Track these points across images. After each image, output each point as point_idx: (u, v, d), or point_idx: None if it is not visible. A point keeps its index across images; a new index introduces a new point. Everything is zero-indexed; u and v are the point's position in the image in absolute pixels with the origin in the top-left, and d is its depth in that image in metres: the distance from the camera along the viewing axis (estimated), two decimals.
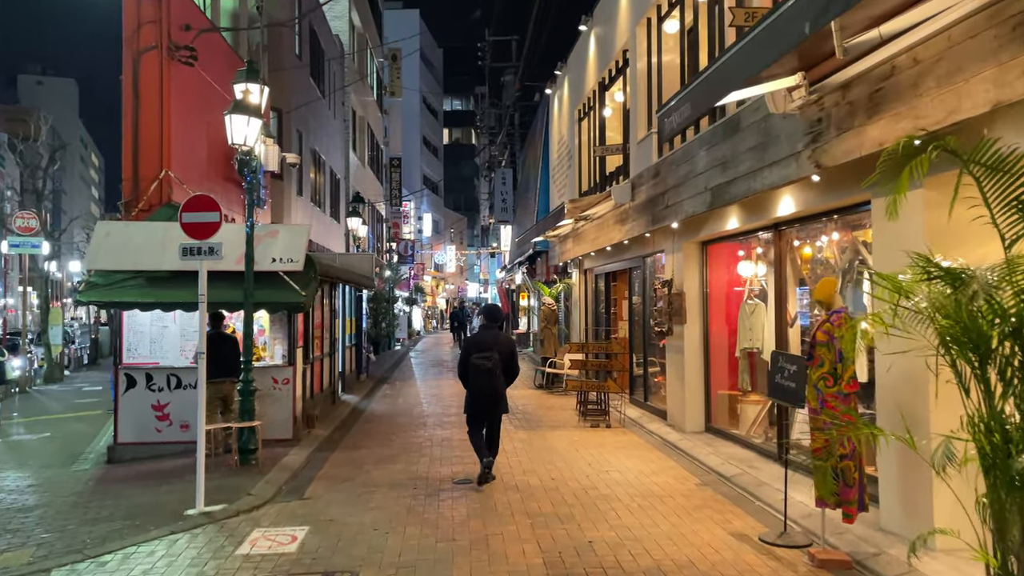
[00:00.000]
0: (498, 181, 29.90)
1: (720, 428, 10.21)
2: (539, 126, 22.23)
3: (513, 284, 34.27)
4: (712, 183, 8.21)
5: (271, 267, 9.82)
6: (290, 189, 19.51)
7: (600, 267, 15.83)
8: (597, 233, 13.81)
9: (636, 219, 11.26)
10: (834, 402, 5.46)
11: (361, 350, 17.57)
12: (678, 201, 9.36)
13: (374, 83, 37.54)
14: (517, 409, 13.34)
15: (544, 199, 20.44)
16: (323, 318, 12.87)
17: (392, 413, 13.27)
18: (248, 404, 9.05)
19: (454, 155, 75.11)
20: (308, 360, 11.36)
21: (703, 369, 10.57)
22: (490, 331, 8.27)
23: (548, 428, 11.36)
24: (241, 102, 8.48)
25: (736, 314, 10.48)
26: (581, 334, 17.44)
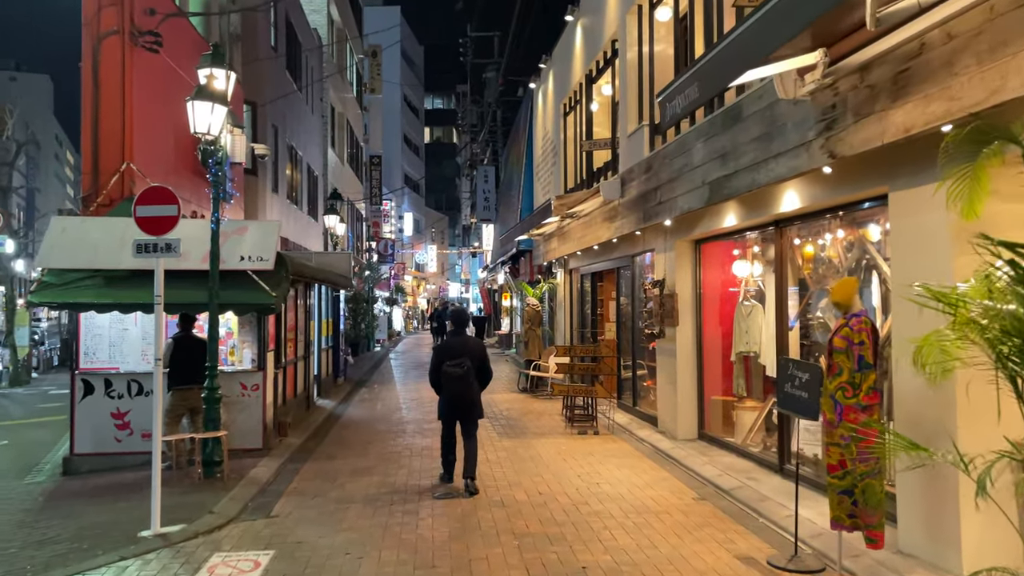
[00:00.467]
0: (480, 179, 29.31)
1: (714, 436, 9.73)
2: (523, 122, 21.70)
3: (495, 284, 33.72)
4: (710, 177, 7.71)
5: (239, 266, 9.21)
6: (264, 185, 18.85)
7: (586, 267, 15.32)
8: (584, 231, 13.30)
9: (626, 216, 10.76)
10: (853, 414, 4.96)
11: (338, 352, 16.96)
12: (672, 197, 8.86)
13: (353, 79, 36.87)
14: (500, 415, 12.79)
15: (528, 197, 19.89)
16: (297, 320, 12.26)
17: (369, 419, 12.68)
18: (213, 413, 8.43)
19: (435, 154, 74.47)
20: (280, 364, 10.75)
21: (696, 373, 10.08)
22: (459, 336, 8.10)
23: (534, 435, 10.82)
24: (205, 87, 7.87)
25: (731, 316, 9.99)
26: (566, 336, 16.93)
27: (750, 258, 9.58)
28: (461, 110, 46.23)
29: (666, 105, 6.02)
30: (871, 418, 4.93)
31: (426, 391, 14.85)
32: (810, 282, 8.13)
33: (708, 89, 5.31)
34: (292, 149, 22.35)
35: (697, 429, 10.07)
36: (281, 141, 20.55)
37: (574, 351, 11.64)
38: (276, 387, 10.58)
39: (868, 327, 4.99)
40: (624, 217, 10.86)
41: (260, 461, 9.08)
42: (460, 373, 7.62)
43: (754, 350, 9.25)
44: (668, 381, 10.37)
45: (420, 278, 60.43)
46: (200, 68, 8.24)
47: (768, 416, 9.03)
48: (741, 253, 9.69)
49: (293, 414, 11.77)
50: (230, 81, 8.37)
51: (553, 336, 18.09)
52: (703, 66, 5.30)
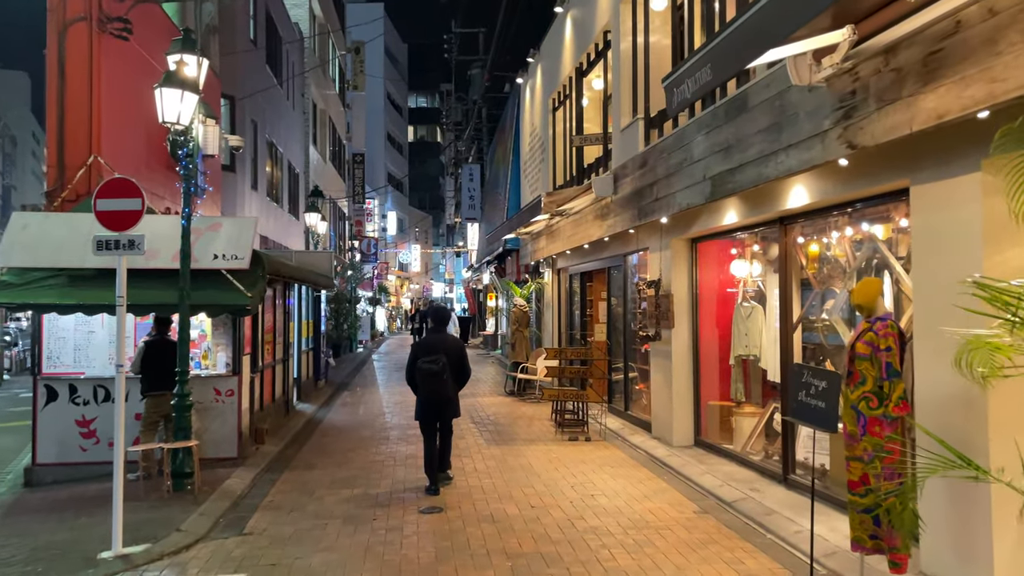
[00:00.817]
0: (465, 177, 28.81)
1: (711, 442, 9.33)
2: (509, 118, 21.24)
3: (480, 284, 33.23)
4: (712, 171, 7.30)
5: (212, 264, 8.70)
6: (243, 182, 18.29)
7: (575, 266, 14.90)
8: (574, 230, 12.87)
9: (619, 214, 10.34)
10: (878, 427, 4.55)
11: (319, 354, 16.43)
12: (669, 193, 8.44)
13: (336, 76, 36.29)
14: (487, 420, 12.34)
15: (515, 195, 19.45)
16: (275, 321, 11.74)
17: (351, 425, 12.19)
18: (184, 421, 7.92)
19: (419, 153, 73.83)
20: (257, 368, 10.24)
21: (692, 377, 9.68)
22: (437, 334, 8.03)
23: (523, 442, 10.38)
24: (174, 74, 7.36)
25: (728, 318, 9.60)
26: (554, 338, 16.50)
27: (749, 257, 9.20)
28: (445, 108, 45.72)
29: (673, 90, 5.59)
30: (895, 432, 4.52)
31: (411, 394, 14.36)
32: (815, 282, 7.75)
33: (722, 71, 4.88)
34: (272, 145, 21.78)
35: (693, 435, 9.67)
36: (261, 137, 19.99)
37: (564, 354, 11.21)
38: (252, 392, 10.07)
39: (895, 332, 4.58)
40: (617, 215, 10.44)
41: (234, 471, 8.58)
42: (435, 370, 7.51)
43: (754, 353, 8.86)
44: (663, 385, 9.97)
45: (404, 278, 59.80)
46: (170, 54, 7.73)
47: (769, 422, 8.65)
48: (739, 252, 9.31)
49: (271, 420, 11.26)
50: (202, 68, 7.86)
51: (541, 337, 17.66)
52: (716, 46, 4.88)
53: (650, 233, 10.13)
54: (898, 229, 6.46)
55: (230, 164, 17.87)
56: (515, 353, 15.86)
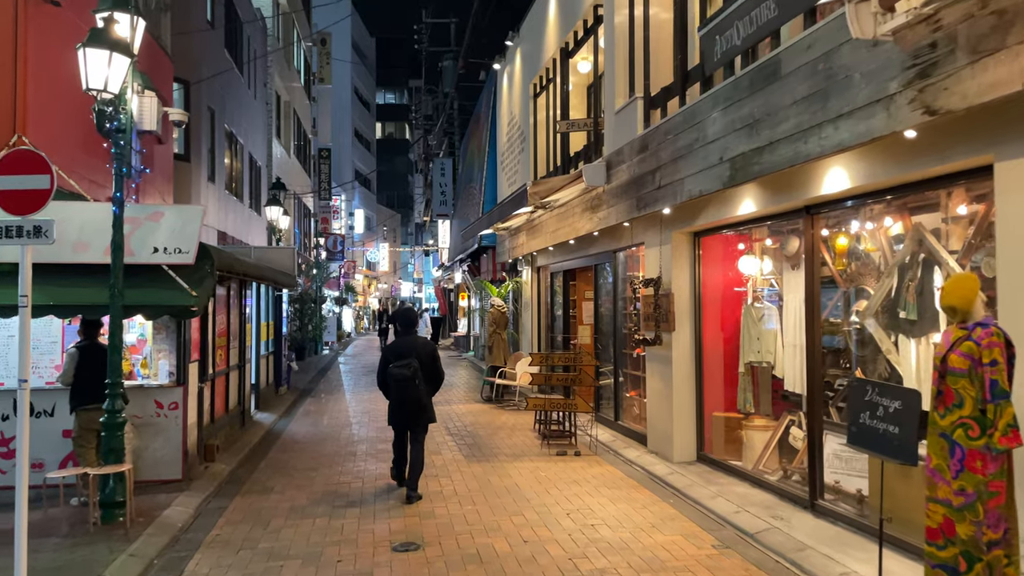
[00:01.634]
0: (436, 172, 27.65)
1: (717, 458, 8.40)
2: (484, 108, 20.20)
3: (452, 283, 32.13)
4: (732, 152, 6.34)
5: (152, 259, 7.57)
6: (199, 173, 17.03)
7: (557, 264, 13.92)
8: (558, 224, 11.88)
9: (613, 205, 9.36)
10: (980, 462, 3.60)
11: (280, 358, 15.25)
12: (677, 179, 7.47)
13: (301, 68, 34.98)
14: (464, 430, 11.29)
15: (491, 189, 18.43)
16: (230, 323, 10.58)
17: (315, 437, 11.06)
18: (114, 441, 6.77)
19: (387, 150, 72.45)
20: (206, 377, 9.09)
21: (695, 386, 8.75)
22: (407, 337, 7.68)
23: (506, 458, 9.35)
24: (102, 32, 6.20)
25: (735, 320, 8.69)
26: (533, 341, 15.50)
27: (759, 253, 8.28)
28: (415, 105, 44.53)
29: (716, 38, 4.62)
30: (1003, 468, 3.58)
31: (380, 401, 13.26)
32: (840, 281, 6.84)
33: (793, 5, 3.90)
34: (232, 135, 20.51)
35: (696, 450, 8.74)
36: (219, 125, 18.71)
37: (551, 360, 10.22)
38: (201, 404, 8.92)
39: (1001, 341, 3.64)
40: (610, 206, 9.46)
41: (177, 497, 7.44)
42: (407, 375, 7.25)
43: (767, 360, 7.94)
44: (661, 394, 9.02)
45: (371, 277, 58.40)
46: (98, 11, 6.57)
47: (784, 437, 7.74)
48: (748, 247, 8.39)
49: (225, 433, 10.11)
50: (137, 29, 6.71)
51: (519, 340, 16.65)
52: None
53: (647, 226, 9.18)
54: (952, 218, 5.57)
55: (184, 153, 16.61)
56: (492, 357, 14.84)
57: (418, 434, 7.48)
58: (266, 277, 12.15)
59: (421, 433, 7.50)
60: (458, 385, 17.78)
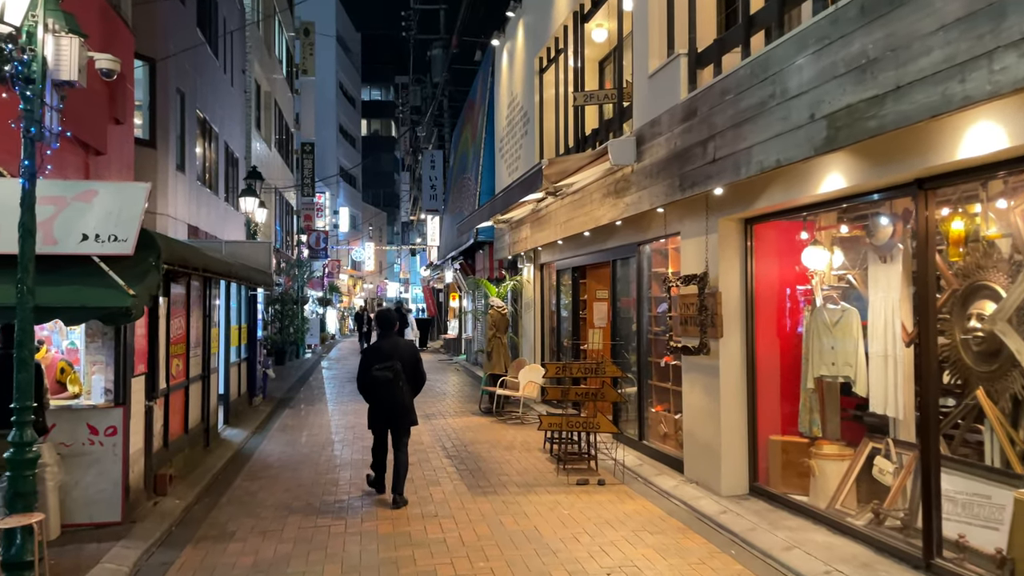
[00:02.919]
0: (426, 165, 26.04)
1: (774, 492, 6.95)
2: (481, 91, 18.69)
3: (442, 283, 30.59)
4: (831, 106, 4.86)
5: (80, 249, 6.02)
6: (166, 161, 15.42)
7: (565, 260, 12.43)
8: (571, 213, 10.39)
9: (645, 187, 7.88)
10: None
11: (255, 365, 13.67)
12: (739, 149, 5.99)
13: (283, 58, 33.40)
14: (464, 451, 9.77)
15: (488, 179, 16.91)
16: (190, 327, 9.02)
17: (290, 460, 9.51)
18: (23, 484, 5.20)
19: (373, 148, 70.84)
20: (156, 393, 7.52)
21: (747, 403, 7.29)
22: (388, 339, 7.56)
23: (518, 489, 7.85)
24: None
25: (795, 324, 7.25)
26: (535, 346, 14.01)
27: (827, 243, 6.83)
28: (402, 99, 42.94)
29: None
30: None
31: (365, 415, 11.79)
32: (949, 276, 5.39)
33: None
34: (206, 123, 18.90)
35: (748, 480, 7.27)
36: (190, 110, 17.10)
37: (569, 370, 8.70)
38: (149, 426, 7.35)
39: None
40: (641, 189, 7.98)
41: (112, 548, 5.89)
42: (389, 377, 7.17)
43: (844, 374, 6.48)
44: (704, 412, 7.55)
45: (357, 277, 56.72)
46: None
47: (866, 467, 6.29)
48: (811, 236, 6.93)
49: (183, 457, 8.56)
50: None
51: (519, 345, 15.15)
52: None
53: (687, 212, 7.71)
54: None
55: (149, 139, 15.00)
56: (492, 364, 13.33)
57: (401, 437, 7.39)
58: (236, 274, 10.58)
59: (404, 436, 7.41)
60: (451, 394, 16.25)
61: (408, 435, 7.46)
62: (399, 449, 7.35)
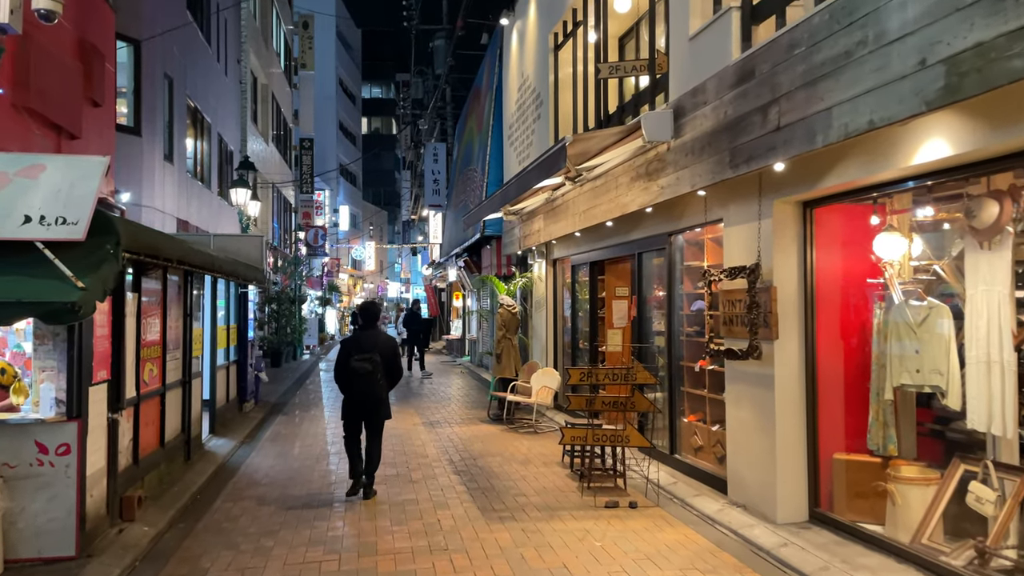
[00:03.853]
0: (428, 158, 25.00)
1: (841, 520, 5.95)
2: (487, 77, 17.69)
3: (445, 281, 29.56)
4: (949, 48, 3.86)
5: (21, 233, 5.05)
6: (153, 150, 14.45)
7: (581, 254, 11.43)
8: (593, 201, 9.38)
9: (685, 166, 6.87)
10: None
11: (246, 368, 12.67)
12: (815, 112, 4.98)
13: (281, 51, 32.44)
14: (474, 465, 8.77)
15: (496, 169, 15.91)
16: (167, 327, 8.02)
17: (280, 476, 8.52)
18: None
19: (374, 146, 69.85)
20: (121, 403, 6.51)
21: (806, 416, 6.28)
22: (369, 331, 7.62)
23: (538, 512, 6.84)
24: None
25: (863, 324, 6.26)
26: (547, 348, 13.00)
27: (904, 228, 5.84)
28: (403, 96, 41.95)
29: None
30: None
31: None
32: None
33: None
34: (197, 112, 17.92)
35: (807, 506, 6.27)
36: (179, 97, 16.11)
37: (596, 375, 7.68)
38: (113, 442, 6.35)
39: None
40: (679, 168, 6.97)
41: None
42: (368, 370, 7.23)
43: (933, 383, 5.47)
44: (755, 426, 6.55)
45: (357, 276, 55.72)
46: None
47: (957, 494, 5.28)
48: (884, 220, 5.93)
49: (158, 475, 7.56)
50: None
51: (530, 347, 14.15)
52: None
53: (733, 195, 6.71)
54: None
55: (133, 126, 14.03)
56: (501, 367, 12.32)
57: (375, 429, 7.46)
58: (221, 269, 9.57)
59: (378, 428, 7.49)
60: (456, 398, 15.25)
61: (381, 427, 7.53)
62: (373, 440, 7.44)
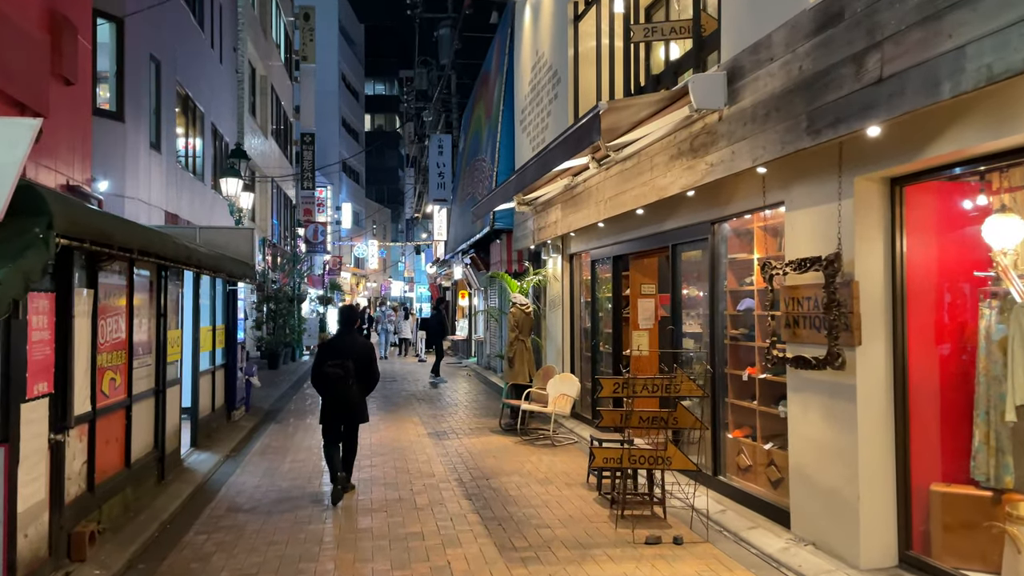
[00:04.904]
0: (433, 150, 23.89)
1: (942, 567, 4.84)
2: (497, 59, 16.60)
3: (450, 280, 28.46)
4: None
5: None
6: (137, 137, 13.40)
7: (603, 248, 10.33)
8: (621, 186, 8.27)
9: (743, 137, 5.76)
10: None
11: (235, 373, 11.59)
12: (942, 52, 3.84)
13: (281, 43, 31.41)
14: (487, 488, 7.66)
15: (507, 157, 14.81)
16: (133, 329, 6.94)
17: (265, 501, 7.43)
18: None
19: (376, 143, 68.82)
20: (68, 421, 5.42)
21: (895, 438, 5.18)
22: (345, 336, 7.69)
23: (567, 551, 5.74)
24: None
25: (966, 327, 5.16)
26: (563, 351, 11.91)
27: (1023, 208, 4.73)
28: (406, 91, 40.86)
29: None
30: None
31: (365, 431, 9.70)
32: None
33: None
34: (188, 100, 16.86)
35: (898, 548, 5.16)
36: (167, 82, 15.05)
37: (631, 386, 6.53)
38: (58, 468, 5.27)
39: None
40: (736, 140, 5.86)
41: None
42: (340, 374, 7.27)
43: None
44: (827, 447, 5.45)
45: (360, 275, 54.66)
46: None
47: None
48: (994, 201, 4.83)
49: (123, 499, 6.49)
50: None
51: (543, 349, 13.05)
52: None
53: (797, 173, 5.62)
54: None
55: (116, 110, 12.96)
56: (514, 372, 11.22)
57: (351, 430, 7.56)
58: (201, 263, 8.46)
59: (354, 430, 7.58)
60: (462, 404, 14.16)
61: (357, 431, 7.64)
62: (349, 438, 7.57)
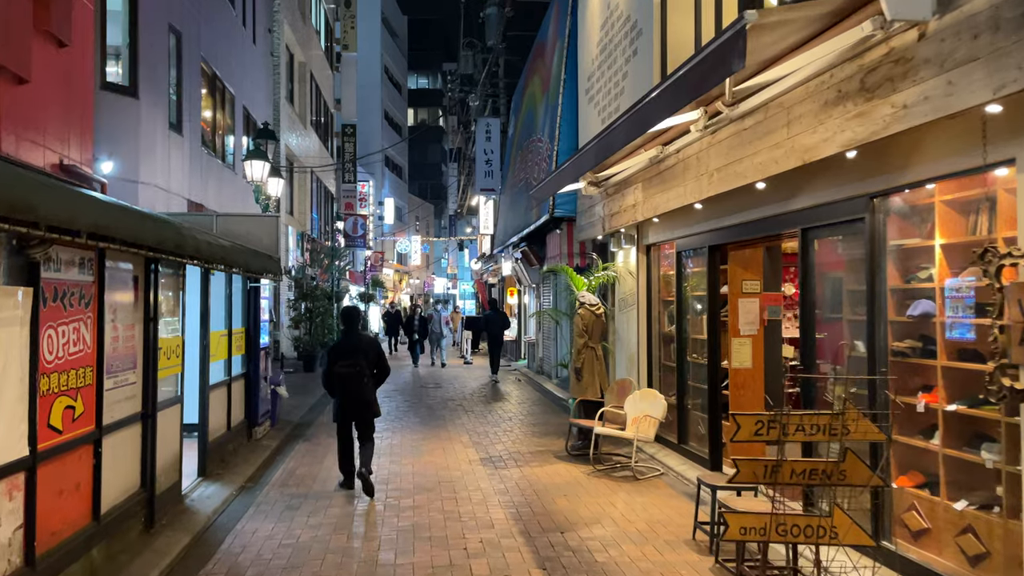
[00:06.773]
0: (480, 136, 22.11)
1: None
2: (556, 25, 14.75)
3: (497, 276, 26.73)
4: None
5: None
6: (153, 116, 11.90)
7: (692, 236, 8.46)
8: (735, 152, 6.37)
9: (967, 59, 3.84)
10: None
11: (257, 383, 9.97)
12: None
13: (321, 30, 30.06)
14: (562, 543, 5.84)
15: (568, 135, 12.96)
16: (104, 339, 5.30)
17: (279, 560, 5.73)
18: None
19: (420, 138, 67.55)
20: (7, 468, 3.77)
21: None
22: (351, 336, 7.89)
23: None
24: None
25: None
26: (639, 361, 10.05)
27: None
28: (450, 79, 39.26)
29: None
30: None
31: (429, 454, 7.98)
32: None
33: None
34: (215, 79, 15.39)
35: None
36: (189, 58, 13.56)
37: (784, 426, 4.59)
38: None
39: None
40: (955, 65, 3.94)
41: None
42: (352, 373, 7.53)
43: None
44: None
45: (403, 272, 53.28)
46: None
47: None
48: None
49: (90, 564, 4.85)
50: None
51: (613, 357, 11.20)
52: None
53: None
54: None
55: (128, 85, 11.44)
56: (582, 386, 9.40)
57: (366, 431, 7.68)
58: (202, 254, 6.76)
59: (369, 430, 7.70)
60: (517, 418, 12.39)
61: (372, 428, 7.72)
62: (366, 440, 7.66)
